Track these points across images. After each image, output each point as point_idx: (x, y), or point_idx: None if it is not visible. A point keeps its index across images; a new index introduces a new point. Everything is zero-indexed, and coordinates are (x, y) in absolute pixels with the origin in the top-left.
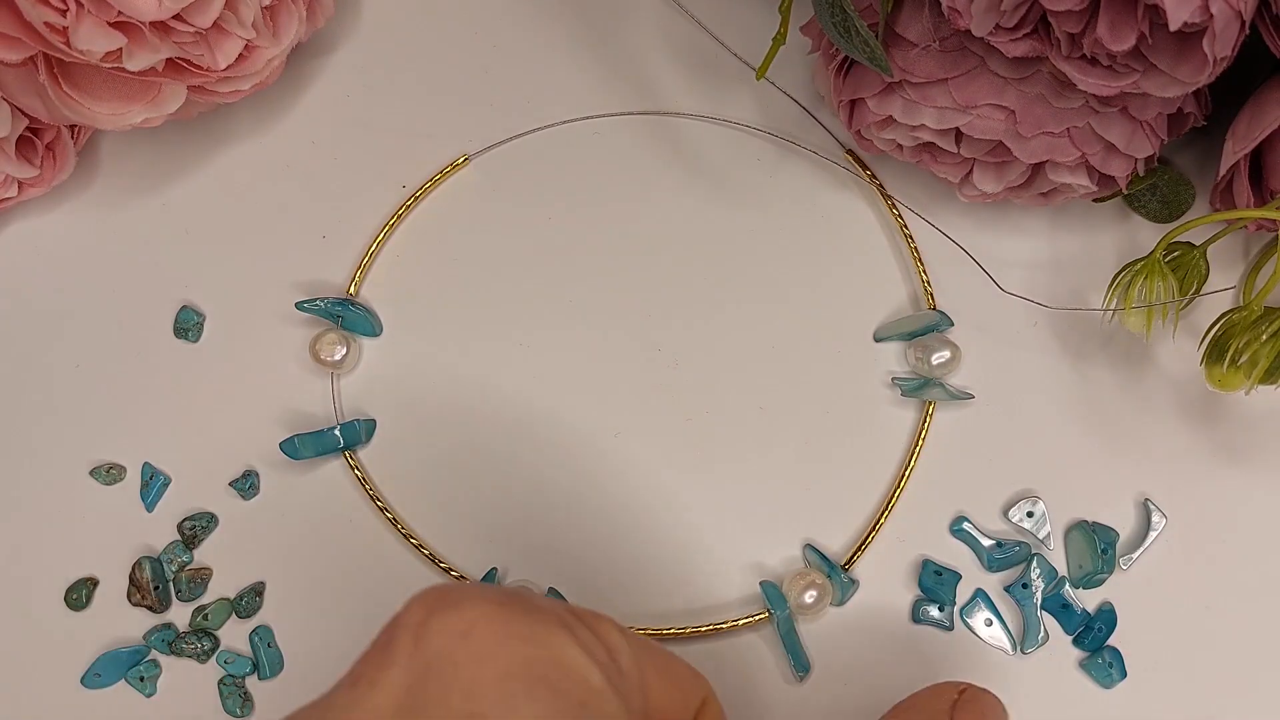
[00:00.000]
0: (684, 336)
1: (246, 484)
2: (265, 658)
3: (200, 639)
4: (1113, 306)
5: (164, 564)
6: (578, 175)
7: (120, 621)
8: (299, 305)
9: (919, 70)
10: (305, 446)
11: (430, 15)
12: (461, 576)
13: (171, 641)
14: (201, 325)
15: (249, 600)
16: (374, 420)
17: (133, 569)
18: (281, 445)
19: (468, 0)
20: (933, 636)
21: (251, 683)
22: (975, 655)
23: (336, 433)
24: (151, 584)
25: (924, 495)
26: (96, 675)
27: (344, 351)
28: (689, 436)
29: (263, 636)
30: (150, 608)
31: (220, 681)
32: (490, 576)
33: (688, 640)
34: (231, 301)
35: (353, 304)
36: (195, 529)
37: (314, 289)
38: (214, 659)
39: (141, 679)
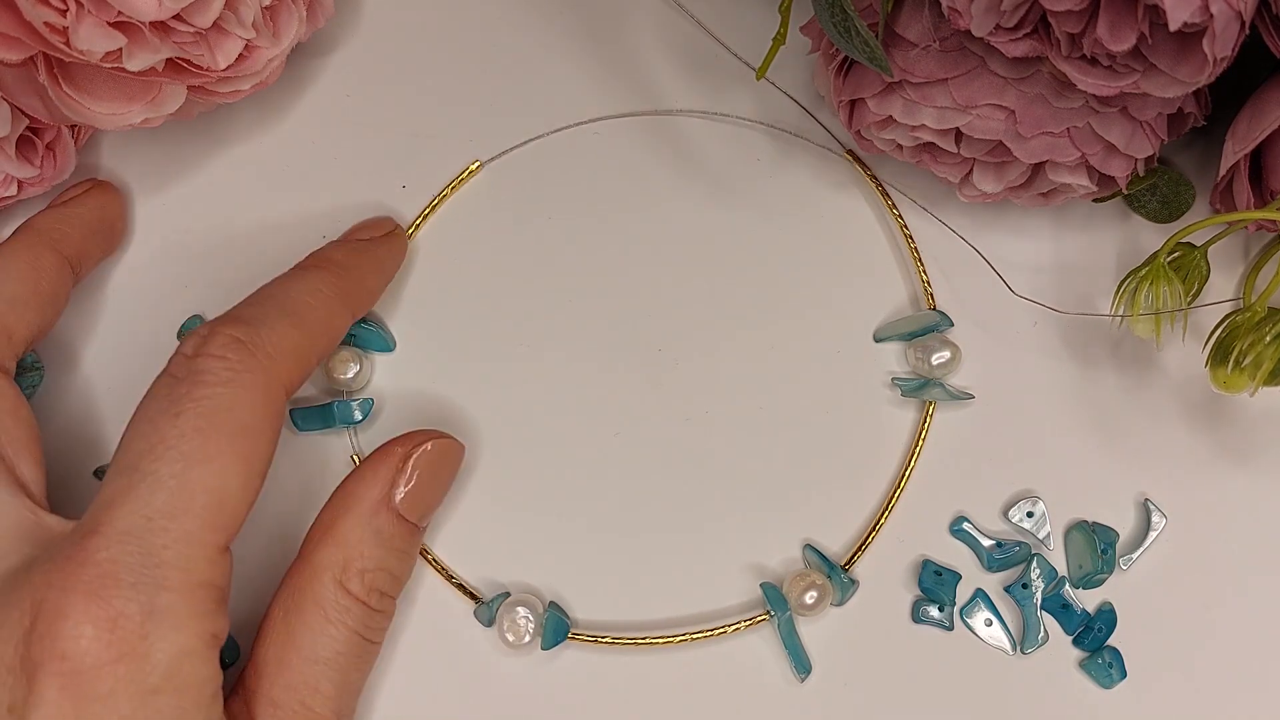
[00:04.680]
0: (684, 337)
1: None
2: None
3: None
4: (1120, 313)
5: None
6: (579, 178)
7: None
8: None
9: (919, 70)
10: (307, 420)
11: (430, 15)
12: (462, 585)
13: None
14: None
15: None
16: (371, 399)
17: None
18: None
19: (468, 0)
20: (933, 636)
21: None
22: (975, 655)
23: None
24: None
25: (924, 495)
26: None
27: (356, 369)
28: (689, 436)
29: None
30: None
31: None
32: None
33: (689, 646)
34: (232, 301)
35: (363, 321)
36: None
37: None
38: None
39: None
